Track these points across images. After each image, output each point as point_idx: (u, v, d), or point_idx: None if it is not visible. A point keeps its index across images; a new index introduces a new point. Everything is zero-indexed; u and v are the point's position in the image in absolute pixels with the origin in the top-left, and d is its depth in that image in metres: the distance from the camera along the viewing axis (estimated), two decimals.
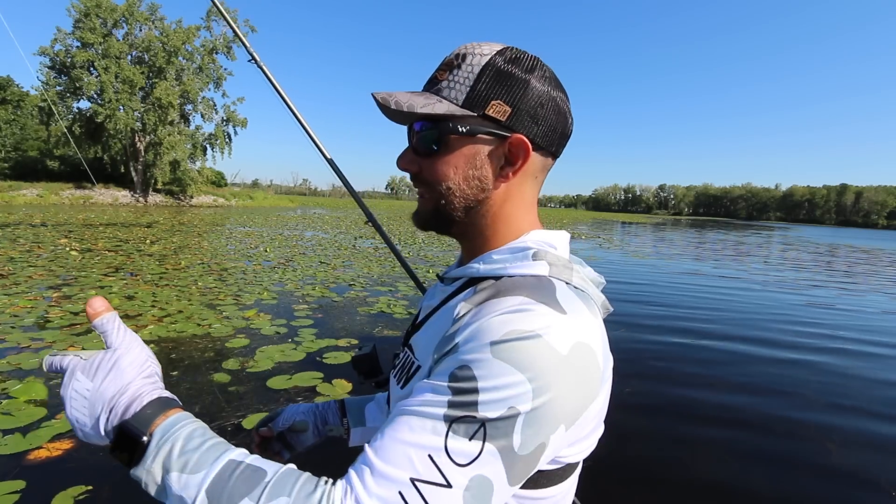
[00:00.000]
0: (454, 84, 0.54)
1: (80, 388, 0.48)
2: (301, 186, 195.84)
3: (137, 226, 14.90)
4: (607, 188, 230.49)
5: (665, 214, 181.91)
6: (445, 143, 0.55)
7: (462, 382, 0.43)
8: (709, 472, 2.59)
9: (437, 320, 0.59)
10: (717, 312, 6.50)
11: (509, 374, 0.43)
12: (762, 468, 2.63)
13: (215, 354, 3.83)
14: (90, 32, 28.29)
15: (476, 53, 0.55)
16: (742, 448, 2.86)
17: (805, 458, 2.80)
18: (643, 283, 8.79)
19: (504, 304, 0.48)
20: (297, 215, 27.26)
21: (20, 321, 4.37)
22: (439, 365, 0.48)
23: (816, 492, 2.48)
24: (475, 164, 0.56)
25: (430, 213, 0.60)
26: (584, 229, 27.72)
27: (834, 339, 5.40)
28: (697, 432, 3.04)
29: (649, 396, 3.55)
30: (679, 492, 2.43)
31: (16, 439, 2.45)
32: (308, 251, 10.70)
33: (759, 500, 2.38)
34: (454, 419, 0.42)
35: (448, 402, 0.43)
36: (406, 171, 0.60)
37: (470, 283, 0.58)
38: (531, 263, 0.54)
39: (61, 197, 27.29)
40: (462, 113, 0.54)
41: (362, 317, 5.21)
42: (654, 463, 2.69)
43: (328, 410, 0.89)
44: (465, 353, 0.45)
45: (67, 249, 8.84)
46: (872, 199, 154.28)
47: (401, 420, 0.44)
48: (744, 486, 2.48)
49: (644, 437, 2.96)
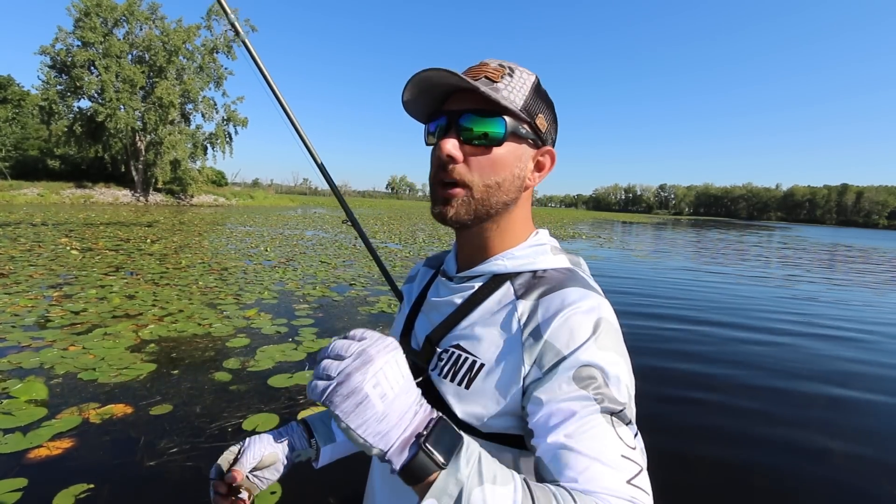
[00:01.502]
0: (512, 89, 0.59)
1: (403, 365, 0.44)
2: (301, 186, 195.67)
3: (138, 225, 14.91)
4: (608, 188, 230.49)
5: (666, 214, 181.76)
6: (507, 140, 0.59)
7: (591, 381, 0.50)
8: (687, 422, 3.15)
9: (486, 320, 0.60)
10: (705, 303, 6.92)
11: (614, 359, 0.52)
12: (735, 422, 3.21)
13: (216, 354, 3.83)
14: (91, 32, 28.29)
15: (522, 70, 0.61)
16: (717, 408, 3.44)
17: (763, 415, 3.37)
18: (636, 277, 8.80)
19: (568, 297, 0.56)
20: (297, 215, 27.27)
21: (21, 320, 4.37)
22: (552, 373, 0.52)
23: (781, 438, 3.04)
24: (520, 165, 0.61)
25: (469, 205, 0.60)
26: (585, 229, 27.70)
27: (811, 326, 6.00)
28: (678, 393, 3.62)
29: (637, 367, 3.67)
30: (666, 436, 2.85)
31: (16, 438, 2.45)
32: (308, 250, 10.70)
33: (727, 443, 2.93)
34: (611, 416, 0.49)
35: (601, 409, 0.49)
36: (451, 158, 0.58)
37: (494, 279, 0.63)
38: (553, 258, 0.64)
39: (62, 196, 27.31)
40: (523, 116, 0.59)
41: (363, 316, 5.21)
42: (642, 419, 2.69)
43: (292, 435, 0.78)
44: (575, 355, 0.52)
45: (68, 249, 8.84)
46: (873, 199, 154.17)
47: (581, 444, 0.47)
48: (717, 432, 3.05)
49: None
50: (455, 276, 0.67)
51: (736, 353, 4.67)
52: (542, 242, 0.66)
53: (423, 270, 0.82)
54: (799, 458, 2.76)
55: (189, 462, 2.33)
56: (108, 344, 3.88)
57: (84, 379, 3.20)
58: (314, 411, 2.90)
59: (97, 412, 2.76)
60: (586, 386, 0.50)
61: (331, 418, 0.85)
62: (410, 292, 0.80)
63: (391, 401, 0.42)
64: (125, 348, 3.81)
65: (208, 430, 2.65)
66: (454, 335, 0.62)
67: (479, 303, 0.62)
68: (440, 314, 0.65)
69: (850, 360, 4.69)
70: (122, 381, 3.21)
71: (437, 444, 0.42)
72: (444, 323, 0.64)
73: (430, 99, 0.62)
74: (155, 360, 3.60)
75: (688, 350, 4.67)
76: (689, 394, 3.60)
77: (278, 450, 0.75)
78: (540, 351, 0.53)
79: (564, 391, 0.50)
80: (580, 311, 0.54)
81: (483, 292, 0.62)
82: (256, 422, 2.75)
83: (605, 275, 9.30)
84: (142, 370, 3.39)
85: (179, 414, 2.81)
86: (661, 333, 5.18)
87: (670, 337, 5.06)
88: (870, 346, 5.18)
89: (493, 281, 0.63)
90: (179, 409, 2.87)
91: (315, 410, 2.93)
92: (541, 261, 0.62)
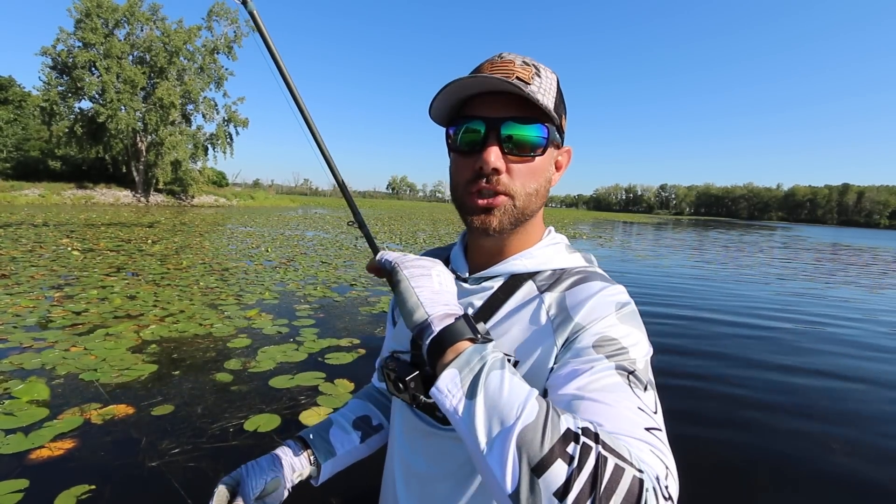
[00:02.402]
0: (544, 91, 0.57)
1: (451, 280, 0.54)
2: (302, 186, 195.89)
3: (139, 226, 14.92)
4: (608, 188, 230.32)
5: (666, 214, 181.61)
6: (546, 147, 0.58)
7: (608, 347, 0.51)
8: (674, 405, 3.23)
9: (513, 318, 0.60)
10: (695, 299, 6.93)
11: (634, 333, 0.54)
12: (715, 404, 3.42)
13: (217, 354, 3.83)
14: (91, 33, 28.33)
15: (544, 69, 0.59)
16: (700, 389, 3.69)
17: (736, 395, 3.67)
18: (633, 274, 8.79)
19: (592, 287, 0.57)
20: (298, 215, 27.28)
21: (22, 321, 4.38)
22: (574, 344, 0.53)
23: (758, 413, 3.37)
24: (550, 168, 0.62)
25: (512, 215, 0.59)
26: (586, 229, 27.69)
27: (788, 320, 6.26)
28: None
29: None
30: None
31: (18, 439, 2.45)
32: (309, 251, 10.70)
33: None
34: (628, 377, 0.49)
35: (615, 366, 0.49)
36: (496, 170, 0.56)
37: (513, 279, 0.63)
38: (569, 255, 0.65)
39: (63, 197, 27.34)
40: (557, 121, 0.59)
41: (364, 317, 5.21)
42: None
43: (290, 455, 0.77)
44: (595, 326, 0.53)
45: (69, 249, 8.85)
46: (874, 198, 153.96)
47: (595, 393, 0.47)
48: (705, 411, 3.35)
49: None
50: (469, 277, 0.66)
51: (724, 343, 4.96)
52: (557, 241, 0.67)
53: None
54: (779, 437, 2.89)
55: (191, 463, 2.33)
56: (109, 344, 3.88)
57: (85, 379, 3.21)
58: (315, 413, 2.90)
59: (99, 413, 2.76)
60: (603, 349, 0.51)
61: (326, 430, 0.81)
62: None
63: (445, 288, 0.51)
64: (126, 349, 3.81)
65: (210, 430, 2.65)
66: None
67: (502, 302, 0.61)
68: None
69: (834, 352, 4.88)
70: (124, 381, 3.21)
71: (474, 322, 0.48)
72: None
73: (455, 100, 0.59)
74: (156, 361, 3.60)
75: (679, 340, 4.86)
76: (677, 382, 3.69)
77: (279, 474, 0.72)
78: (569, 332, 0.55)
79: (583, 355, 0.51)
80: (606, 296, 0.56)
81: (504, 292, 0.62)
82: (258, 422, 2.75)
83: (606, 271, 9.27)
84: (143, 371, 3.39)
85: (181, 414, 2.81)
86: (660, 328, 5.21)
87: (666, 332, 5.11)
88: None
89: (512, 280, 0.62)
90: (181, 409, 2.87)
91: (314, 416, 2.93)
92: (559, 259, 0.63)
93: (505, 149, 0.56)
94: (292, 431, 2.67)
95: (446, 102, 0.59)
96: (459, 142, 0.59)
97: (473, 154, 0.57)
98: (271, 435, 2.63)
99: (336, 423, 0.83)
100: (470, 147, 0.58)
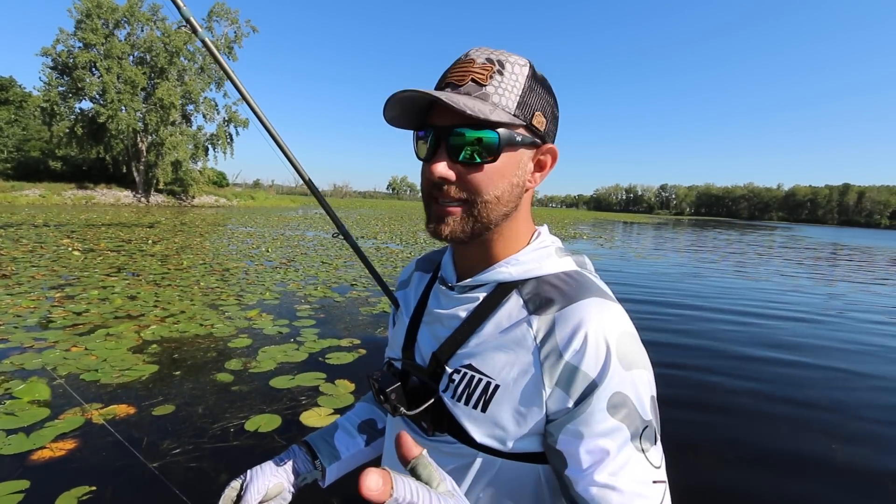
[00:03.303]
0: (503, 91, 0.53)
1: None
2: (302, 187, 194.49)
3: (139, 226, 14.93)
4: (609, 188, 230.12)
5: (667, 214, 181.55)
6: (501, 152, 0.53)
7: (621, 409, 0.50)
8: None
9: (498, 337, 0.57)
10: (691, 293, 7.09)
11: (639, 375, 0.52)
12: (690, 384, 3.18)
13: (218, 355, 3.83)
14: (92, 33, 28.33)
15: (514, 62, 0.54)
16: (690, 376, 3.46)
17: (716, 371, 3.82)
18: (628, 272, 8.80)
19: (586, 313, 0.53)
20: (298, 215, 27.26)
21: (23, 321, 4.38)
22: (587, 404, 0.51)
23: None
24: (519, 172, 0.57)
25: (468, 223, 0.56)
26: (586, 229, 27.68)
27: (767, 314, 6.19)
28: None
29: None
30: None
31: (19, 439, 2.45)
32: (310, 251, 10.70)
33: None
34: (640, 439, 0.50)
35: (629, 434, 0.50)
36: (443, 180, 0.54)
37: (500, 288, 0.60)
38: (558, 260, 0.60)
39: (63, 197, 27.34)
40: (517, 122, 0.54)
41: (364, 317, 5.21)
42: None
43: (295, 459, 0.76)
44: (605, 382, 0.51)
45: (70, 250, 8.86)
46: (875, 198, 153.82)
47: (619, 481, 0.49)
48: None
49: None
50: (456, 286, 0.63)
51: (712, 333, 5.19)
52: (546, 244, 0.62)
53: (416, 275, 0.77)
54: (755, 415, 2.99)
55: (192, 463, 2.34)
56: (110, 345, 3.88)
57: (86, 380, 3.21)
58: (316, 413, 2.90)
59: (100, 413, 2.76)
60: (618, 414, 0.50)
61: (331, 434, 0.82)
62: (407, 299, 0.75)
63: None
64: (127, 349, 3.81)
65: (211, 430, 2.65)
66: (464, 353, 0.59)
67: (487, 316, 0.58)
68: (446, 328, 0.62)
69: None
70: (125, 381, 3.21)
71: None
72: (452, 339, 0.60)
73: (417, 110, 0.57)
74: (157, 361, 3.60)
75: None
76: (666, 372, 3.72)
77: (282, 478, 0.72)
78: (562, 373, 0.52)
79: (600, 424, 0.50)
80: (601, 329, 0.52)
81: (490, 304, 0.59)
82: (258, 422, 2.75)
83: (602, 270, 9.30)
84: (144, 371, 3.39)
85: (182, 415, 2.81)
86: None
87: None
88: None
89: (498, 290, 0.59)
90: (181, 409, 2.87)
91: (315, 416, 2.93)
92: (547, 265, 0.59)
93: (453, 157, 0.54)
94: (293, 432, 2.67)
95: (405, 118, 0.58)
96: (416, 151, 0.59)
97: (426, 163, 0.56)
98: (272, 435, 2.64)
99: (341, 427, 0.84)
100: (424, 156, 0.57)
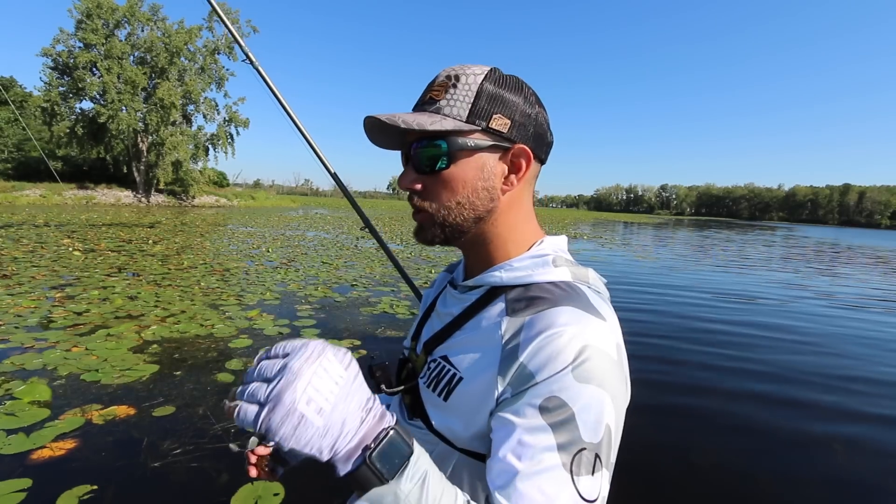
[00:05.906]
0: (454, 102, 0.56)
1: (334, 370, 0.42)
2: (303, 187, 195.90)
3: (140, 226, 14.92)
4: (609, 188, 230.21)
5: (667, 214, 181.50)
6: (455, 159, 0.57)
7: (557, 414, 0.46)
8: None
9: (473, 334, 0.59)
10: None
11: (592, 393, 0.47)
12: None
13: (218, 355, 3.83)
14: (92, 33, 28.32)
15: (469, 73, 0.58)
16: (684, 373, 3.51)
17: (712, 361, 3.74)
18: (623, 269, 8.78)
19: (556, 319, 0.50)
20: (298, 215, 27.28)
21: (23, 321, 4.38)
22: (520, 399, 0.49)
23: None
24: (483, 176, 0.58)
25: (437, 228, 0.60)
26: (586, 230, 27.67)
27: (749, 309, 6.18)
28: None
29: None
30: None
31: (20, 439, 2.45)
32: (310, 251, 10.70)
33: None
34: (571, 458, 0.45)
35: (556, 443, 0.45)
36: (409, 190, 0.60)
37: (492, 291, 0.61)
38: (554, 270, 0.58)
39: (64, 197, 27.33)
40: (469, 128, 0.56)
41: (365, 317, 5.21)
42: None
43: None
44: (548, 382, 0.47)
45: (70, 250, 8.86)
46: (875, 199, 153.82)
47: (524, 479, 0.45)
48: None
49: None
50: (458, 286, 0.67)
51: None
52: (545, 253, 0.61)
53: (442, 275, 0.82)
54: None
55: (193, 463, 2.33)
56: (110, 345, 3.88)
57: (87, 380, 3.21)
58: None
59: (100, 413, 2.76)
60: (551, 419, 0.46)
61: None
62: (427, 295, 0.81)
63: (329, 413, 0.40)
64: (128, 349, 3.81)
65: (211, 430, 2.65)
66: (445, 346, 0.62)
67: (472, 316, 0.61)
68: (440, 323, 0.65)
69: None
70: (125, 382, 3.21)
71: (383, 457, 0.42)
72: (440, 333, 0.64)
73: (393, 131, 0.60)
74: (157, 361, 3.60)
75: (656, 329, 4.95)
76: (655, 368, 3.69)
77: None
78: (514, 372, 0.50)
79: (527, 419, 0.47)
80: (565, 335, 0.48)
81: (479, 305, 0.61)
82: None
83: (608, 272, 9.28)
84: (144, 371, 3.39)
85: (182, 415, 2.81)
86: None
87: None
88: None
89: (489, 293, 0.61)
90: (182, 410, 2.87)
91: None
92: (539, 274, 0.58)
93: (417, 169, 0.59)
94: None
95: (381, 133, 0.62)
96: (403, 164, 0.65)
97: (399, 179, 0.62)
98: None
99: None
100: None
